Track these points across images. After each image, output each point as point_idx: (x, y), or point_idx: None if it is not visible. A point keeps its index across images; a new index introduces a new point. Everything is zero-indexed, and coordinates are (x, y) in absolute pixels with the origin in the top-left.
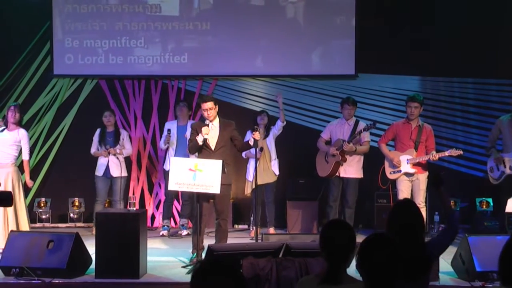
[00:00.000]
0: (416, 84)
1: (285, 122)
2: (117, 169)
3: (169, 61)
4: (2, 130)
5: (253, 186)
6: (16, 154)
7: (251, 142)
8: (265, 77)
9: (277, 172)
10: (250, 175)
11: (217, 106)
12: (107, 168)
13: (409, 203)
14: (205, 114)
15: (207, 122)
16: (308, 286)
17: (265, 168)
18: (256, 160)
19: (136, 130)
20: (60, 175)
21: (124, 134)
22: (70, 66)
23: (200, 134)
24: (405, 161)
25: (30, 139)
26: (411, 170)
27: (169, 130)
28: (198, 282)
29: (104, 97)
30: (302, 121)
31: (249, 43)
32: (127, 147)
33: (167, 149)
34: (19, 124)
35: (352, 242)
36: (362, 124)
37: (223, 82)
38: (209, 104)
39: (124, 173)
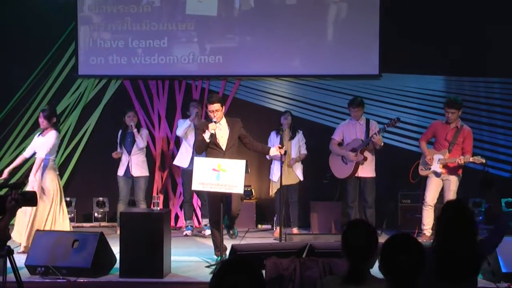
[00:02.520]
0: (440, 84)
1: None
2: (138, 169)
3: (193, 62)
4: (39, 135)
5: (279, 187)
6: (51, 157)
7: (273, 153)
8: (289, 77)
9: (301, 177)
10: (274, 176)
11: (223, 107)
12: (128, 168)
13: (460, 203)
14: (211, 115)
15: (214, 120)
16: (330, 286)
17: (289, 170)
18: (282, 162)
19: (160, 130)
20: (85, 175)
21: (142, 131)
22: (95, 67)
23: (206, 131)
24: (436, 160)
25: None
26: (439, 170)
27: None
28: (217, 281)
29: (128, 97)
30: (326, 121)
31: (272, 44)
32: (137, 141)
33: (179, 144)
34: (52, 126)
35: (373, 242)
36: (373, 123)
37: (246, 82)
38: (216, 106)
39: (146, 173)
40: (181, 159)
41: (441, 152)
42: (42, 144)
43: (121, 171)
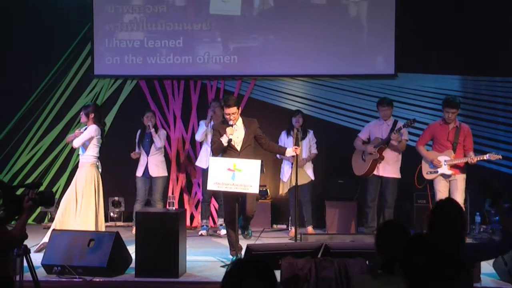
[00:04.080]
0: (456, 83)
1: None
2: (156, 169)
3: (208, 61)
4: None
5: (290, 186)
6: (93, 154)
7: (289, 154)
8: (304, 77)
9: (312, 176)
10: (284, 176)
11: (239, 109)
12: (146, 168)
13: (450, 202)
14: (228, 117)
15: (230, 123)
16: (364, 284)
17: (300, 170)
18: (296, 161)
19: (175, 130)
20: (101, 175)
21: (160, 132)
22: (110, 67)
23: (224, 135)
24: (443, 162)
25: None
26: (448, 171)
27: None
28: (229, 282)
29: (143, 97)
30: (341, 121)
31: (288, 43)
32: (155, 141)
33: (201, 146)
34: (92, 121)
35: (407, 238)
36: (400, 124)
37: (262, 82)
38: (233, 109)
39: (164, 173)
40: (201, 160)
41: (445, 153)
42: (80, 136)
43: (139, 172)
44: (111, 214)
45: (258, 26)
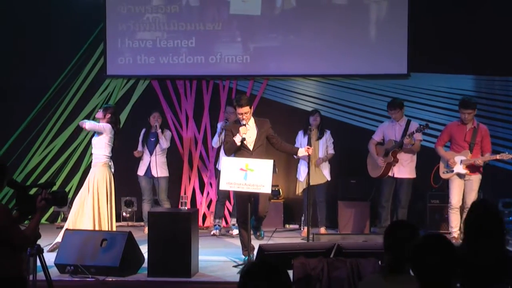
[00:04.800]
0: (470, 83)
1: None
2: (160, 170)
3: (220, 61)
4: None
5: (305, 186)
6: (105, 153)
7: (301, 154)
8: (316, 77)
9: (328, 177)
10: (301, 175)
11: (252, 108)
12: (149, 168)
13: (485, 203)
14: (240, 117)
15: (243, 122)
16: (372, 283)
17: (317, 170)
18: (309, 161)
19: (188, 130)
20: (113, 175)
21: (166, 132)
22: (123, 67)
23: (238, 135)
24: (459, 162)
25: (84, 139)
26: (463, 171)
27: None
28: (245, 284)
29: (156, 97)
30: (354, 121)
31: (300, 43)
32: (161, 142)
33: (219, 148)
34: (110, 123)
35: (416, 236)
36: (414, 124)
37: (274, 81)
38: (245, 109)
39: (166, 174)
40: (221, 163)
41: (462, 153)
42: (94, 122)
43: (141, 171)
44: (124, 214)
45: (273, 26)
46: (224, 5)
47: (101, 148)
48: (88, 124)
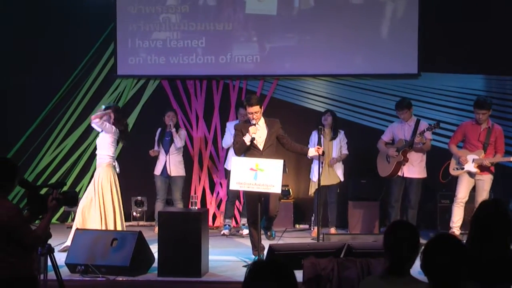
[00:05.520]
0: (481, 83)
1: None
2: (175, 169)
3: (230, 61)
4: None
5: (317, 187)
6: (109, 154)
7: (311, 154)
8: (327, 77)
9: (341, 177)
10: (314, 176)
11: (262, 108)
12: (165, 167)
13: (496, 202)
14: (251, 116)
15: (253, 122)
16: (371, 284)
17: (330, 170)
18: (320, 162)
19: (198, 130)
20: (123, 174)
21: (181, 131)
22: (133, 67)
23: (247, 134)
24: (471, 160)
25: (94, 139)
26: (473, 169)
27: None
28: (249, 284)
29: (166, 97)
30: (364, 121)
31: (310, 43)
32: (175, 141)
33: (228, 148)
34: (114, 124)
35: (415, 238)
36: (423, 123)
37: (284, 81)
38: (255, 108)
39: (183, 173)
40: (229, 163)
41: (476, 152)
42: (101, 121)
43: (157, 170)
44: (134, 213)
45: (283, 26)
46: (240, 4)
47: (104, 149)
48: (94, 120)
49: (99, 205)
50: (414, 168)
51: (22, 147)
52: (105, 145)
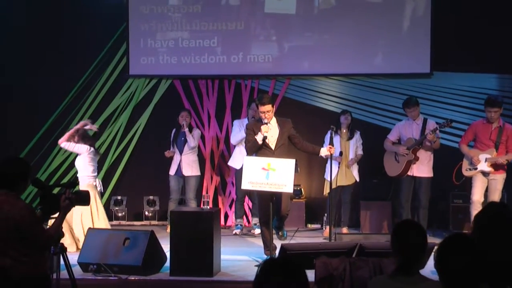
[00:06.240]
0: (493, 82)
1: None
2: (189, 168)
3: (242, 61)
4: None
5: (334, 186)
6: (88, 174)
7: (323, 154)
8: (339, 76)
9: (357, 178)
10: (329, 176)
11: (274, 107)
12: (179, 167)
13: (503, 206)
14: (263, 116)
15: (265, 121)
16: (380, 283)
17: (347, 170)
18: (332, 161)
19: (210, 129)
20: (136, 174)
21: (194, 131)
22: (145, 67)
23: (259, 133)
24: (483, 159)
25: (106, 139)
26: (487, 168)
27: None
28: (261, 282)
29: (178, 96)
30: (376, 120)
31: (322, 43)
32: (188, 141)
33: (235, 146)
34: (79, 141)
35: (422, 238)
36: (431, 122)
37: (296, 81)
38: (267, 107)
39: (197, 172)
40: (235, 161)
41: (488, 151)
42: (70, 144)
43: (172, 170)
44: (146, 213)
45: (294, 26)
46: (259, 4)
47: (82, 170)
48: (62, 142)
49: (81, 225)
50: (424, 167)
51: (35, 147)
52: (83, 166)
